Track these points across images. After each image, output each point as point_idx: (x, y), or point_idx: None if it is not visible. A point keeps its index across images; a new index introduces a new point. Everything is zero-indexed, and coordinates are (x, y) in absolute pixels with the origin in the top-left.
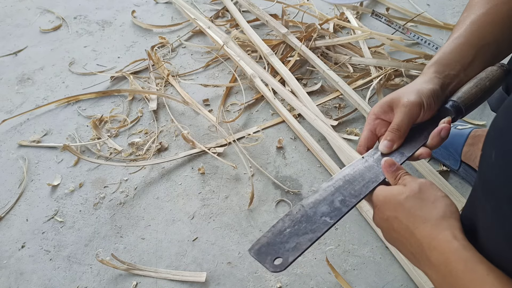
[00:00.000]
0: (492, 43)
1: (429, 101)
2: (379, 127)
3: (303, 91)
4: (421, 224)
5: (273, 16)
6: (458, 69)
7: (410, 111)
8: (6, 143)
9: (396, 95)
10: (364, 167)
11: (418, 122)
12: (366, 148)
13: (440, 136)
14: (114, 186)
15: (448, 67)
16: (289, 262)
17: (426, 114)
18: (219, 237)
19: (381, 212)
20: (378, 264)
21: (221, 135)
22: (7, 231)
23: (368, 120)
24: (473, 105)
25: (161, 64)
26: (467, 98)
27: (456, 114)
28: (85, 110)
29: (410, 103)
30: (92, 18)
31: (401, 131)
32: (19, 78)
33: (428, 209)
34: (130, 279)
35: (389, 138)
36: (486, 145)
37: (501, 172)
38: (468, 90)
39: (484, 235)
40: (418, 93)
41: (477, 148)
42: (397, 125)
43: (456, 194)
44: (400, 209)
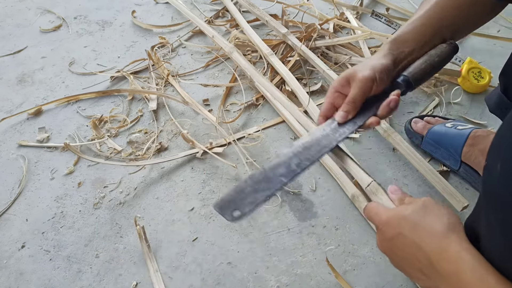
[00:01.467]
0: (450, 26)
1: (381, 75)
2: (337, 100)
3: (303, 91)
4: (428, 236)
5: (273, 16)
6: (413, 47)
7: (363, 85)
8: (6, 143)
9: (352, 70)
10: (321, 135)
11: (372, 95)
12: (325, 118)
13: (389, 107)
14: (114, 186)
15: (403, 44)
16: (245, 213)
17: (379, 88)
18: (219, 237)
19: (384, 232)
20: (378, 264)
21: (221, 135)
22: (7, 231)
23: (328, 93)
24: (422, 79)
25: (161, 64)
26: (416, 73)
27: (406, 87)
28: (85, 110)
29: (364, 78)
30: (92, 18)
31: (355, 103)
32: (19, 78)
33: (433, 222)
34: (130, 279)
35: (344, 109)
36: (490, 155)
37: (506, 185)
38: (418, 65)
39: (488, 245)
40: (371, 68)
41: (477, 148)
42: (352, 98)
43: (456, 194)
44: (404, 224)
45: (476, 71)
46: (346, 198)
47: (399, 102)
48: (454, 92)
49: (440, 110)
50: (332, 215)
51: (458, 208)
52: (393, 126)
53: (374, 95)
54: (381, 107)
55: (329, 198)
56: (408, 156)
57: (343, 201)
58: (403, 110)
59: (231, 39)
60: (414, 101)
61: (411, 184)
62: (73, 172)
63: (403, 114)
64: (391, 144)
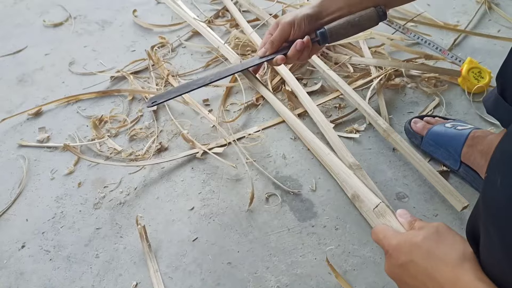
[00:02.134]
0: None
1: (299, 23)
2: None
3: (303, 91)
4: (441, 265)
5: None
6: (341, 4)
7: (282, 29)
8: (6, 143)
9: (282, 16)
10: (241, 63)
11: (291, 40)
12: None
13: (295, 48)
14: (114, 186)
15: (333, 1)
16: (158, 102)
17: (296, 34)
18: (219, 237)
19: (394, 258)
20: (378, 264)
21: (221, 135)
22: (7, 231)
23: (265, 35)
24: (338, 34)
25: (161, 64)
26: (333, 27)
27: (321, 38)
28: (85, 110)
29: (285, 23)
30: (92, 18)
31: (273, 43)
32: (19, 78)
33: (447, 250)
34: (130, 279)
35: (265, 47)
36: (491, 169)
37: (506, 200)
38: (338, 22)
39: (486, 252)
40: (294, 16)
41: (476, 149)
42: (273, 38)
43: (456, 194)
44: (416, 251)
45: (476, 71)
46: (346, 198)
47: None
48: (454, 92)
49: (440, 110)
50: (332, 215)
51: (458, 208)
52: (393, 126)
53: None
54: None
55: (329, 198)
56: (408, 156)
57: (343, 201)
58: (403, 110)
59: (231, 39)
60: (414, 101)
61: (411, 184)
62: (73, 172)
63: (403, 114)
64: (391, 144)
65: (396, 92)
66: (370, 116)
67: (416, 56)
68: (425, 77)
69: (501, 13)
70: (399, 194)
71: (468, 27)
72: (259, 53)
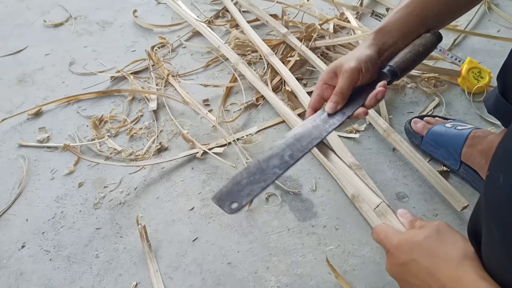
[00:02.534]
0: (434, 16)
1: (366, 66)
2: (326, 92)
3: (303, 91)
4: (443, 264)
5: (273, 16)
6: (397, 36)
7: (350, 76)
8: (6, 143)
9: (339, 62)
10: (312, 126)
11: (359, 85)
12: (314, 110)
13: (376, 98)
14: (114, 186)
15: (387, 35)
16: (243, 204)
17: (365, 78)
18: (219, 237)
19: (395, 257)
20: (378, 264)
21: (221, 135)
22: (7, 231)
23: (316, 86)
24: (407, 69)
25: (161, 64)
26: (402, 62)
27: (391, 77)
28: (85, 110)
29: (350, 68)
30: (92, 18)
31: (343, 94)
32: (19, 78)
33: (448, 249)
34: (130, 279)
35: (333, 100)
36: (493, 166)
37: (509, 198)
38: (403, 55)
39: (488, 251)
40: (357, 59)
41: (476, 149)
42: (340, 88)
43: (456, 194)
44: (417, 250)
45: (476, 71)
46: (346, 198)
47: (386, 93)
48: (454, 92)
49: (440, 110)
50: (332, 215)
51: (458, 208)
52: (393, 126)
53: (361, 86)
54: (368, 98)
55: (329, 198)
56: (408, 156)
57: (343, 201)
58: (403, 110)
59: (231, 39)
60: (414, 101)
61: (411, 184)
62: (73, 172)
63: (403, 114)
64: (391, 144)
65: (396, 92)
66: (370, 116)
67: None
68: (425, 77)
69: (500, 13)
70: (399, 194)
71: (468, 27)
72: (328, 109)
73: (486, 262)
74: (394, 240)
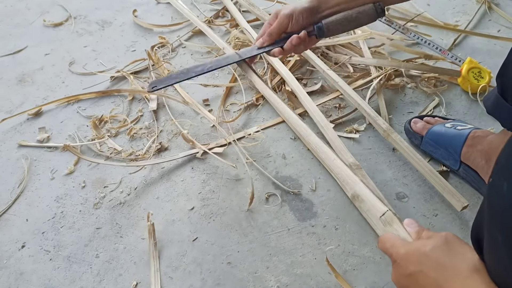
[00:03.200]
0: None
1: (297, 16)
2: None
3: (303, 91)
4: (452, 277)
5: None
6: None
7: (281, 21)
8: (6, 143)
9: (282, 7)
10: (240, 52)
11: (289, 32)
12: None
13: (291, 43)
14: (114, 186)
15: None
16: (159, 87)
17: (294, 27)
18: (219, 237)
19: (402, 267)
20: (378, 264)
21: (221, 135)
22: (7, 231)
23: (264, 24)
24: (335, 30)
25: (161, 64)
26: (331, 21)
27: (318, 32)
28: (85, 110)
29: (283, 15)
30: (92, 18)
31: (271, 35)
32: (19, 78)
33: (458, 261)
34: (130, 279)
35: (263, 38)
36: (496, 173)
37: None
38: (336, 17)
39: (489, 256)
40: (292, 9)
41: (476, 149)
42: (270, 31)
43: (456, 194)
44: (425, 262)
45: (476, 71)
46: (346, 198)
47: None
48: (454, 92)
49: (440, 110)
50: (332, 215)
51: (458, 208)
52: (393, 126)
53: (290, 32)
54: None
55: (329, 198)
56: (408, 156)
57: (343, 201)
58: (402, 110)
59: (231, 39)
60: (414, 101)
61: (411, 184)
62: (73, 172)
63: (403, 114)
64: (391, 144)
65: (396, 92)
66: (370, 116)
67: (416, 56)
68: (425, 77)
69: (501, 13)
70: (399, 194)
71: (468, 27)
72: (257, 43)
73: (491, 269)
74: (401, 250)
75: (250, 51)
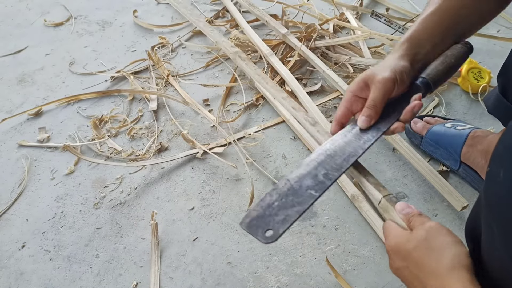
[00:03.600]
0: (461, 23)
1: (401, 77)
2: (355, 104)
3: (303, 91)
4: (430, 276)
5: (273, 16)
6: (428, 47)
7: (384, 87)
8: (6, 143)
9: (370, 72)
10: (344, 142)
11: (392, 98)
12: (340, 124)
13: (413, 112)
14: (114, 186)
15: (418, 45)
16: (280, 233)
17: (399, 90)
18: (219, 237)
19: (392, 259)
20: (378, 264)
21: (221, 135)
22: (7, 231)
23: (345, 98)
24: (440, 81)
25: (161, 64)
26: (435, 74)
27: (425, 89)
28: (85, 110)
29: (385, 79)
30: (92, 18)
31: (377, 107)
32: (19, 78)
33: (436, 259)
34: (130, 279)
35: (366, 114)
36: (493, 162)
37: (509, 192)
38: (435, 67)
39: (487, 248)
40: (391, 69)
41: (476, 149)
42: (373, 101)
43: (456, 194)
44: (409, 259)
45: (475, 71)
46: (346, 198)
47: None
48: (454, 92)
49: (440, 110)
50: (332, 215)
51: (458, 208)
52: None
53: (393, 99)
54: (404, 112)
55: (329, 198)
56: (408, 156)
57: (343, 201)
58: None
59: (231, 39)
60: None
61: (411, 184)
62: (74, 172)
63: None
64: (391, 144)
65: None
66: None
67: None
68: None
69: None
70: (399, 194)
71: None
72: (362, 123)
73: (487, 261)
74: (391, 242)
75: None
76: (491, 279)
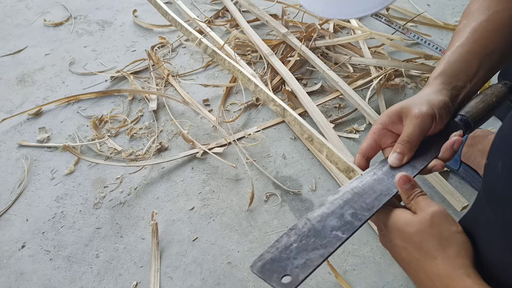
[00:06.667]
0: (495, 51)
1: (441, 112)
2: (384, 138)
3: (303, 91)
4: (432, 262)
5: (273, 16)
6: (464, 80)
7: (422, 123)
8: (6, 143)
9: (405, 104)
10: (373, 180)
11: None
12: (366, 157)
13: (453, 149)
14: (114, 186)
15: (454, 78)
16: (300, 280)
17: (437, 127)
18: (219, 237)
19: (386, 236)
20: (378, 264)
21: (221, 135)
22: (7, 231)
23: (373, 129)
24: (481, 120)
25: (161, 64)
26: (475, 113)
27: (465, 128)
28: (85, 110)
29: (422, 114)
30: (92, 18)
31: (412, 144)
32: (19, 78)
33: (441, 246)
34: (130, 279)
35: (399, 150)
36: (491, 154)
37: (508, 183)
38: (476, 105)
39: (486, 243)
40: (429, 104)
41: (476, 149)
42: (408, 137)
43: (456, 194)
44: (410, 242)
45: None
46: None
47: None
48: None
49: None
50: None
51: (458, 208)
52: None
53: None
54: (443, 149)
55: None
56: None
57: None
58: None
59: (231, 39)
60: None
61: None
62: (74, 172)
63: None
64: None
65: (396, 92)
66: (370, 116)
67: (416, 56)
68: (425, 77)
69: None
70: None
71: None
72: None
73: (485, 252)
74: (386, 220)
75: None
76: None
